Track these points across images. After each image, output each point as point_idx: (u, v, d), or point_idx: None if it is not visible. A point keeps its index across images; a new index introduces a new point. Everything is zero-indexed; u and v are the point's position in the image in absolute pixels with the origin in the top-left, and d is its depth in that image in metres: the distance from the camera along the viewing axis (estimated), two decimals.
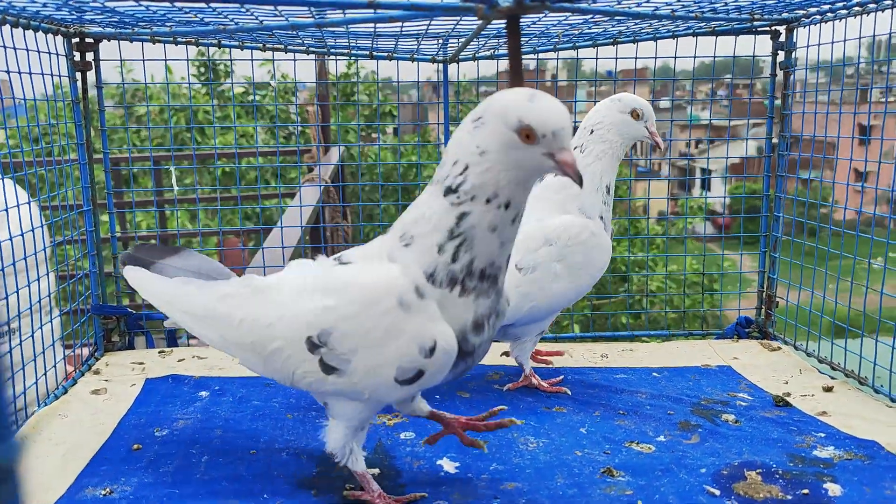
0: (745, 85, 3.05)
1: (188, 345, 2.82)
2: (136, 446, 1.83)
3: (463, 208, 1.33)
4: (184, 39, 2.36)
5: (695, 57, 2.58)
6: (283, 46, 2.52)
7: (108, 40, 2.41)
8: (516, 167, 1.30)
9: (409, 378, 1.39)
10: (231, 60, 2.68)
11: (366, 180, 12.76)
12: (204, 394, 2.19)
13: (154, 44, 2.40)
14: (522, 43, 2.45)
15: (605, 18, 2.05)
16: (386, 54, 2.58)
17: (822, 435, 1.88)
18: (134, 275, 1.70)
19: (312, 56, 2.61)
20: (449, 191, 1.34)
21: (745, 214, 3.07)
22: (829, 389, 2.21)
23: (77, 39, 2.38)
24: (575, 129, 2.09)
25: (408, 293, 1.35)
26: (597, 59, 2.60)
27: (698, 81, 2.82)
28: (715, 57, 2.58)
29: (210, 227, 6.57)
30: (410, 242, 1.38)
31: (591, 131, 2.11)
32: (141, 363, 2.46)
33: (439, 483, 1.64)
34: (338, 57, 2.60)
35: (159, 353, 2.59)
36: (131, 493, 1.60)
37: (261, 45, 2.49)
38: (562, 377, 2.29)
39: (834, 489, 1.59)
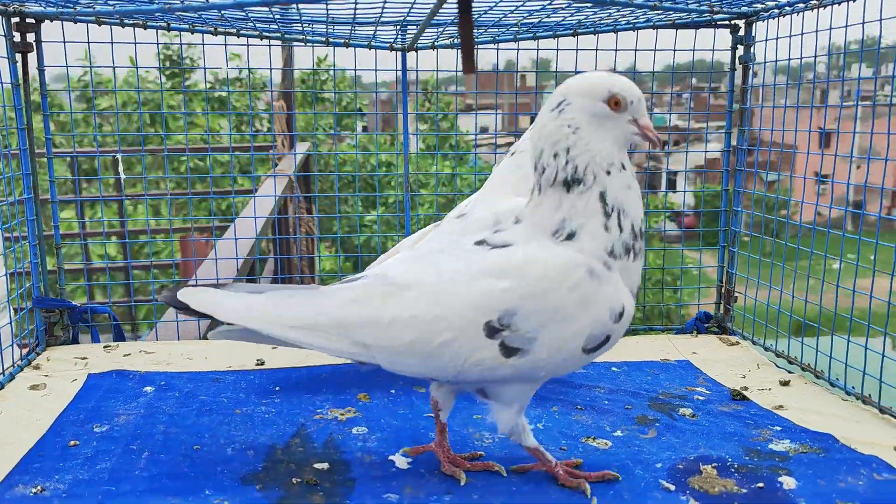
0: (710, 87, 3.04)
1: (136, 339, 2.73)
2: (72, 443, 1.75)
3: (597, 188, 1.42)
4: (131, 21, 2.28)
5: (655, 50, 2.56)
6: (235, 31, 2.44)
7: (51, 20, 2.31)
8: (609, 136, 1.42)
9: (596, 346, 1.43)
10: (203, 45, 2.58)
11: (332, 178, 12.69)
12: (149, 389, 2.11)
13: (100, 25, 2.30)
14: (481, 32, 2.42)
15: (564, 4, 2.01)
16: (343, 41, 2.52)
17: (779, 429, 1.86)
18: (205, 297, 1.47)
19: (266, 42, 2.53)
20: (569, 183, 1.42)
21: (705, 209, 3.07)
22: (785, 383, 2.20)
23: (17, 19, 2.28)
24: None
25: (597, 266, 1.41)
26: (557, 50, 2.57)
27: (664, 83, 2.81)
28: (675, 50, 2.56)
29: (176, 221, 6.47)
30: (575, 234, 1.42)
31: None
32: (84, 358, 2.37)
33: (391, 478, 1.58)
34: (293, 43, 2.53)
35: (104, 347, 2.49)
36: (65, 490, 1.52)
37: (211, 28, 2.41)
38: None
39: (789, 482, 1.57)
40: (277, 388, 2.13)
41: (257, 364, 2.33)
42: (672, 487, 1.55)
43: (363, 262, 2.93)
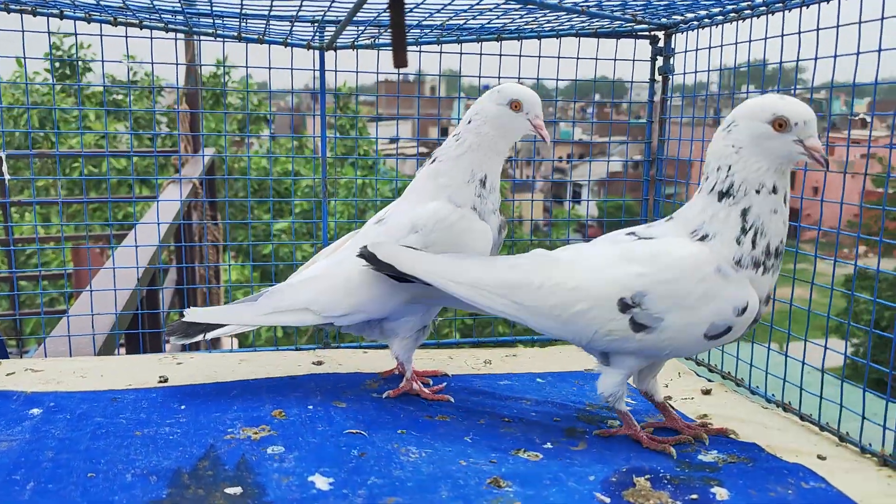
0: (630, 99, 3.07)
1: (21, 356, 2.48)
2: None
3: (742, 205, 1.61)
4: (17, 6, 2.07)
5: (578, 58, 2.55)
6: (137, 22, 2.26)
7: None
8: (770, 156, 1.58)
9: (717, 334, 1.64)
10: (101, 36, 2.38)
11: (238, 185, 12.30)
12: (35, 411, 1.90)
13: None
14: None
15: (492, 5, 1.96)
16: (256, 37, 2.38)
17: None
18: (406, 254, 1.85)
19: (172, 36, 2.36)
20: (722, 195, 1.63)
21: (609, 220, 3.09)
22: (707, 392, 2.21)
23: None
24: None
25: (724, 265, 1.61)
26: (480, 55, 2.51)
27: (586, 94, 2.80)
28: (597, 59, 2.56)
29: (67, 229, 6.04)
30: (708, 237, 1.64)
31: (469, 121, 2.01)
32: None
33: (311, 500, 1.46)
34: (202, 37, 2.37)
35: None
36: None
37: (111, 17, 2.22)
38: (444, 384, 2.17)
39: (721, 493, 1.55)
40: (183, 407, 1.96)
41: (160, 381, 2.15)
42: (607, 500, 1.50)
43: (276, 272, 2.78)
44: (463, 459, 1.67)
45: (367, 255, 1.87)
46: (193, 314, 2.04)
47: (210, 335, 2.06)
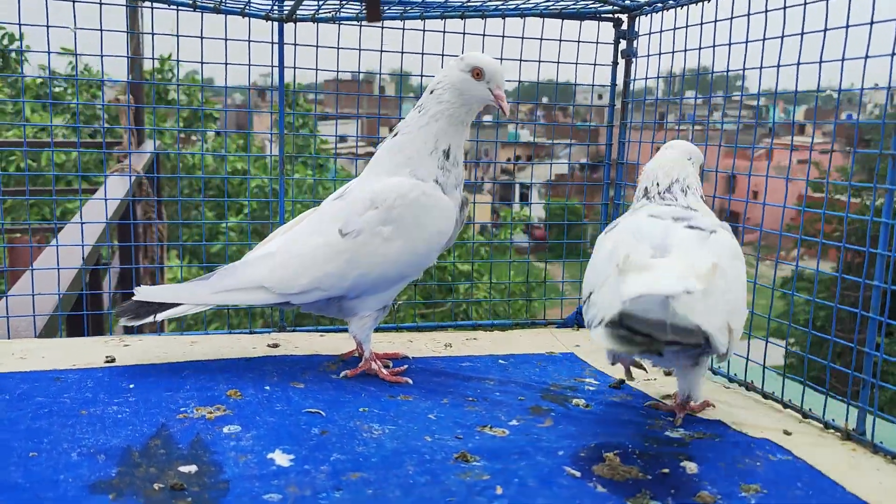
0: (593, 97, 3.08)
1: None
2: None
3: None
4: None
5: (542, 39, 2.52)
6: None
7: None
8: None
9: None
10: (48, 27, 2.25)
11: (185, 185, 12.01)
12: None
13: None
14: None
15: None
16: (213, 5, 2.28)
17: (670, 417, 1.84)
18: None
19: (123, 2, 2.26)
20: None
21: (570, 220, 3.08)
22: (669, 373, 2.20)
23: None
24: None
25: None
26: (444, 32, 2.47)
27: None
28: (560, 40, 2.54)
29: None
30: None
31: (431, 91, 1.96)
32: None
33: (271, 477, 1.39)
34: (155, 4, 2.26)
35: None
36: None
37: None
38: (405, 367, 2.11)
39: (691, 467, 1.54)
40: (132, 386, 1.86)
41: (107, 361, 2.05)
42: (578, 474, 1.47)
43: None
44: (428, 435, 1.62)
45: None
46: (144, 293, 1.95)
47: (161, 316, 1.97)
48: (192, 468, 1.42)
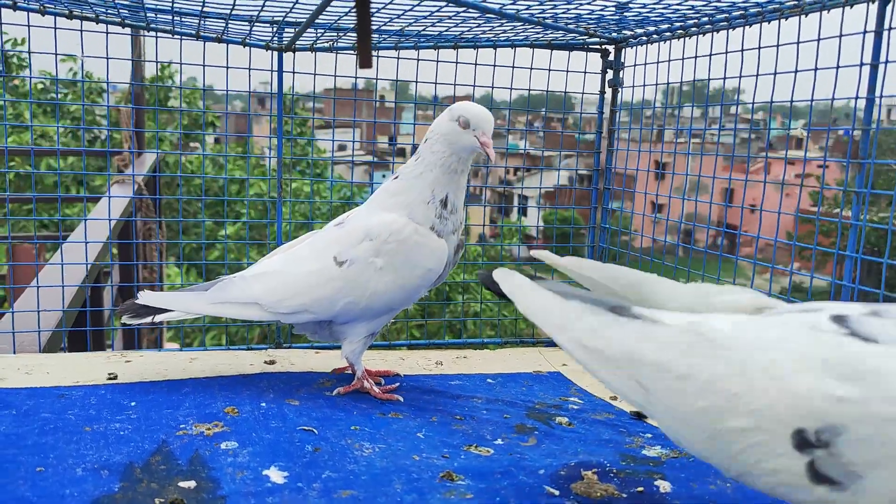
0: (559, 118, 3.17)
1: None
2: None
3: None
4: None
5: (531, 68, 2.62)
6: (94, 16, 2.24)
7: None
8: None
9: None
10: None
11: (184, 192, 12.09)
12: None
13: None
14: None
15: (452, 13, 2.01)
16: (215, 36, 2.38)
17: (649, 436, 1.92)
18: (516, 281, 1.42)
19: (129, 32, 2.35)
20: None
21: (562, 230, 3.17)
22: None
23: None
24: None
25: None
26: (437, 62, 2.56)
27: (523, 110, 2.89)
28: (550, 70, 2.63)
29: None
30: None
31: (426, 140, 2.05)
32: None
33: (266, 493, 1.47)
34: (159, 34, 2.36)
35: None
36: None
37: (66, 11, 2.20)
38: (397, 385, 2.19)
39: (665, 486, 1.62)
40: (133, 404, 1.94)
41: (109, 378, 2.13)
42: (556, 492, 1.55)
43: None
44: (416, 454, 1.70)
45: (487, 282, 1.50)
46: (147, 297, 2.05)
47: (159, 318, 2.08)
48: (192, 483, 1.50)
